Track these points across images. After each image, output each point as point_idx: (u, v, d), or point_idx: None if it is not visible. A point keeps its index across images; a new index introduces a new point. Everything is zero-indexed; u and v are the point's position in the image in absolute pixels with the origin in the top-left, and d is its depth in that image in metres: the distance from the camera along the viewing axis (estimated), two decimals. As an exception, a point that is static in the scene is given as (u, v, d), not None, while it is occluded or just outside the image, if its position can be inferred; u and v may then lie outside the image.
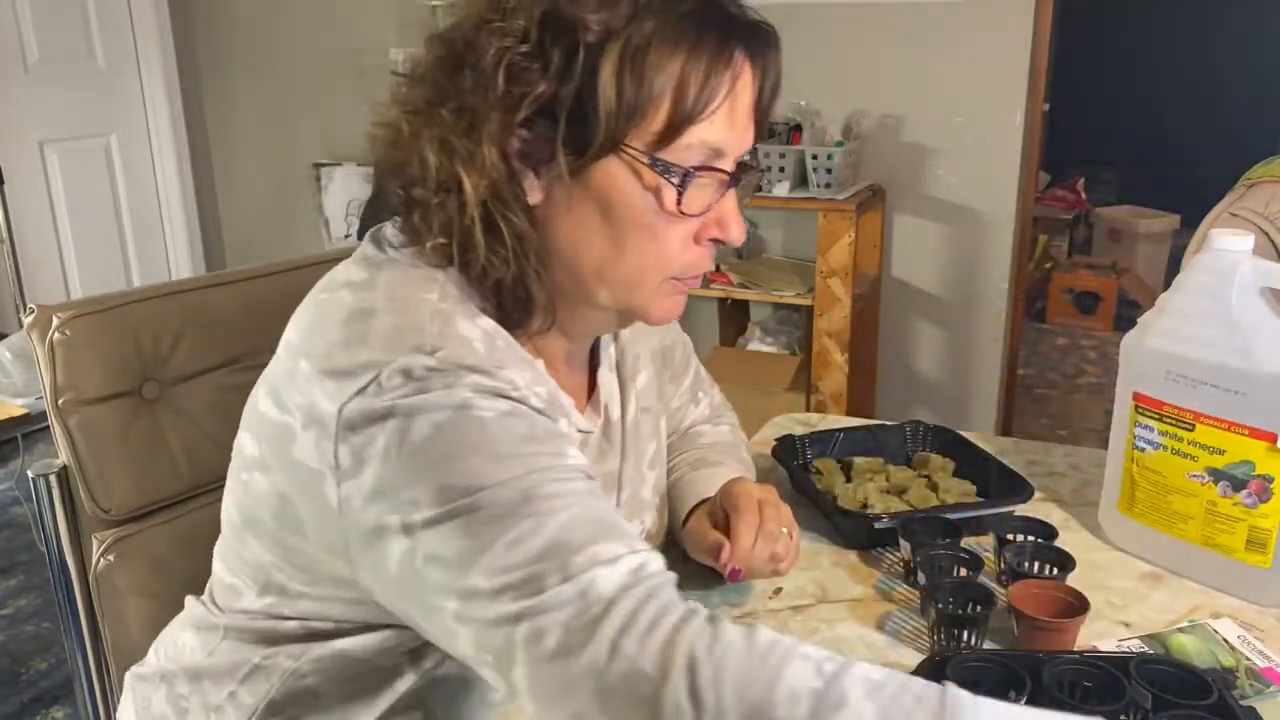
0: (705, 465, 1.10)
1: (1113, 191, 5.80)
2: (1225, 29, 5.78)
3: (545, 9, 0.73)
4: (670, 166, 0.76)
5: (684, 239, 0.80)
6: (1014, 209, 3.10)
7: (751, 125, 0.81)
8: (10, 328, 3.21)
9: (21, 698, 2.25)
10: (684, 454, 1.14)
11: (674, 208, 0.77)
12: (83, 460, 1.05)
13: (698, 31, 0.74)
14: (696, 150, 0.76)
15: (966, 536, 1.08)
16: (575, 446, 0.74)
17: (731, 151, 0.79)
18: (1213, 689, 0.80)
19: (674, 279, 0.81)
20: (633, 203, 0.77)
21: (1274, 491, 0.99)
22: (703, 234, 0.80)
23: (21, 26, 3.50)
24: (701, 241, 0.81)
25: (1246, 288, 0.99)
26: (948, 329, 3.28)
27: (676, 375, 1.15)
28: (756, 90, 0.80)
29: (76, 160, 3.74)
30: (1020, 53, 2.97)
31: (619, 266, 0.79)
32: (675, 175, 0.76)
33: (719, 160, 0.78)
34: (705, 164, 0.77)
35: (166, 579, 1.07)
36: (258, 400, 0.80)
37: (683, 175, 0.76)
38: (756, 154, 0.88)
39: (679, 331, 1.15)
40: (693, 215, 0.78)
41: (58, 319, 1.03)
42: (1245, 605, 1.02)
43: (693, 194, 0.77)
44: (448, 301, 0.76)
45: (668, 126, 0.75)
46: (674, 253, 0.80)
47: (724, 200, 0.80)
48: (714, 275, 3.10)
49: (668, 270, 0.80)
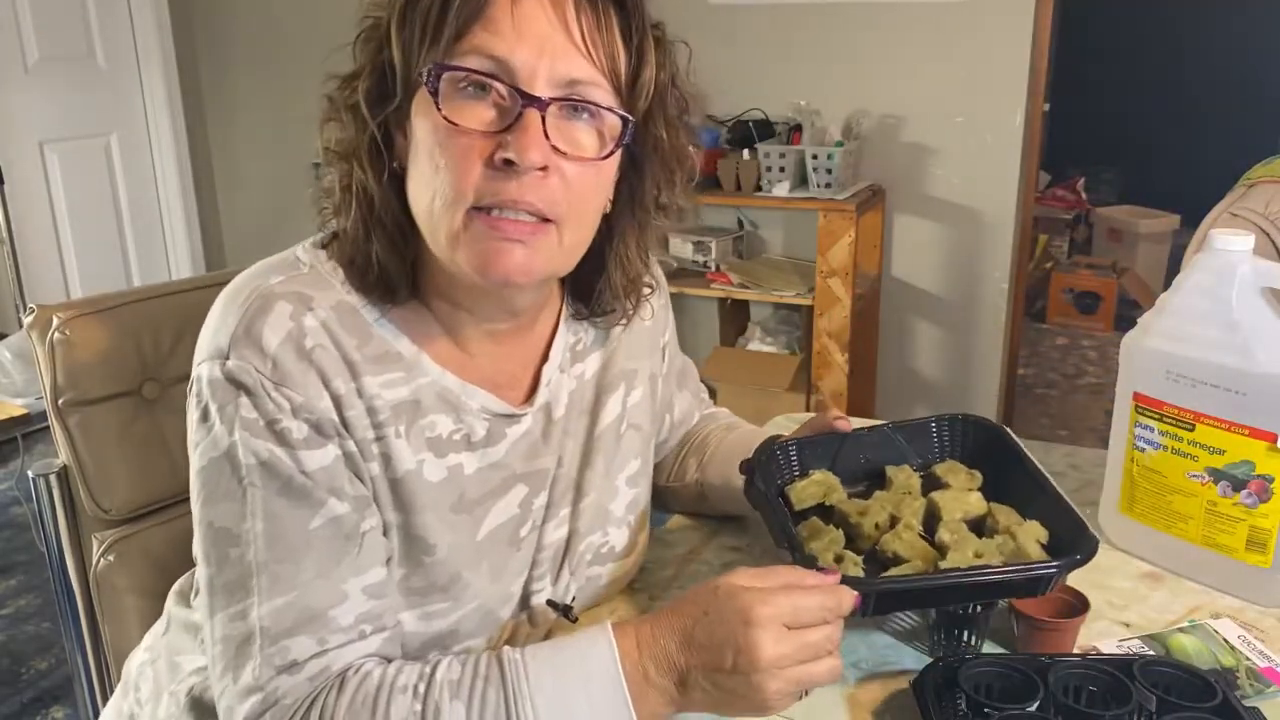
0: (741, 428, 1.18)
1: (1113, 191, 5.80)
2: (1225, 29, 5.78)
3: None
4: (429, 73, 0.76)
5: (466, 157, 0.76)
6: (1014, 209, 3.10)
7: (570, 50, 0.77)
8: (10, 328, 3.21)
9: (21, 698, 2.25)
10: (710, 431, 1.17)
11: (439, 118, 0.76)
12: (83, 460, 1.05)
13: None
14: (474, 60, 0.76)
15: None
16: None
17: (527, 70, 0.76)
18: (1216, 690, 0.80)
19: (481, 212, 0.77)
20: (421, 128, 0.78)
21: (1274, 491, 0.99)
22: (495, 155, 0.76)
23: (21, 26, 3.50)
24: (495, 165, 0.76)
25: (1246, 288, 0.99)
26: (948, 329, 3.28)
27: (679, 386, 1.17)
28: (581, 15, 0.77)
29: (76, 160, 3.74)
30: (1020, 53, 2.97)
31: (420, 197, 0.79)
32: (431, 79, 0.76)
33: (511, 78, 0.76)
34: (480, 70, 0.76)
35: (166, 579, 1.07)
36: None
37: (435, 76, 0.75)
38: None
39: (673, 358, 1.14)
40: (466, 129, 0.76)
41: (58, 319, 1.03)
42: (1245, 605, 1.02)
43: (461, 103, 0.76)
44: (291, 285, 0.81)
45: (443, 44, 0.76)
46: (458, 173, 0.76)
47: (520, 121, 0.75)
48: (714, 275, 3.10)
49: (458, 197, 0.76)
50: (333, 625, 0.77)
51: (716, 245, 3.15)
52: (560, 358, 0.95)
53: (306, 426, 0.77)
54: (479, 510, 0.88)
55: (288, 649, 0.75)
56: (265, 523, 0.76)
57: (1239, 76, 5.75)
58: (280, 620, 0.76)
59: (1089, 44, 5.91)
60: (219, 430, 0.77)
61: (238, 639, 0.76)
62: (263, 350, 0.77)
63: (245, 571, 0.76)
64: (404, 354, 0.83)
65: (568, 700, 0.74)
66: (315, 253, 0.85)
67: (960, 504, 0.96)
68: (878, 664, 0.93)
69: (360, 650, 0.78)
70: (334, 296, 0.82)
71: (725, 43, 3.21)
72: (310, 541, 0.77)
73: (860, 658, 0.94)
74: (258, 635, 0.76)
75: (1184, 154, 5.77)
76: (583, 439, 0.97)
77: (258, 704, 0.75)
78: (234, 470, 0.77)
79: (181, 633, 0.97)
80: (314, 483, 0.78)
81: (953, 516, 0.95)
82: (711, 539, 1.15)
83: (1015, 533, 0.91)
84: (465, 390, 0.86)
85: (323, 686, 0.76)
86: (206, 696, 0.91)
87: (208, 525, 0.79)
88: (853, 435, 1.03)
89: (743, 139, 3.06)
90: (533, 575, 0.93)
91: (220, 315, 0.80)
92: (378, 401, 0.81)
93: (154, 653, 1.00)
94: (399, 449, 0.82)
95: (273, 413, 0.77)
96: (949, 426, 1.06)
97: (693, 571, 1.08)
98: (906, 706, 0.86)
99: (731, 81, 3.19)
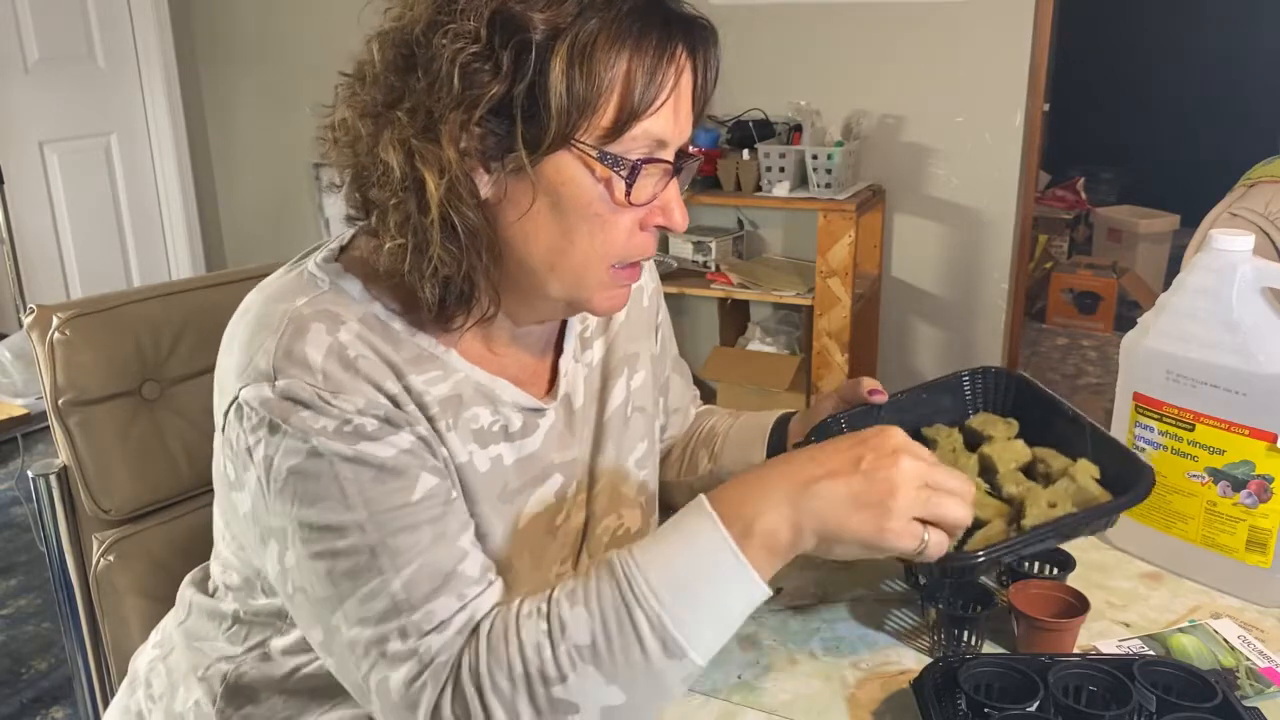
0: (744, 414, 1.17)
1: (1113, 191, 5.79)
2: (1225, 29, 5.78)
3: (494, 8, 0.75)
4: (619, 159, 0.78)
5: (630, 227, 0.83)
6: (1014, 209, 3.10)
7: (691, 116, 0.84)
8: (10, 328, 3.21)
9: (21, 698, 2.25)
10: (714, 423, 1.18)
11: (623, 199, 0.80)
12: (83, 460, 1.05)
13: (642, 28, 0.77)
14: (642, 142, 0.79)
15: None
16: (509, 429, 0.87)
17: (674, 142, 0.82)
18: (1216, 690, 0.80)
19: (616, 267, 0.84)
20: (583, 195, 0.79)
21: (1274, 491, 0.99)
22: (648, 221, 0.83)
23: (21, 26, 3.50)
24: (646, 228, 0.84)
25: (1246, 288, 0.99)
26: (948, 329, 3.28)
27: (675, 370, 1.18)
28: (697, 83, 0.83)
29: (76, 160, 3.74)
30: (1020, 53, 2.97)
31: (569, 256, 0.82)
32: (624, 168, 0.79)
33: (662, 151, 0.81)
34: (651, 155, 0.80)
35: (166, 579, 1.07)
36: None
37: (631, 168, 0.79)
38: (694, 141, 0.94)
39: (667, 339, 1.15)
40: (640, 205, 0.81)
41: (58, 319, 1.03)
42: (1245, 605, 1.02)
43: (640, 184, 0.80)
44: (319, 304, 0.80)
45: (616, 121, 0.77)
46: (620, 241, 0.82)
47: (667, 188, 0.83)
48: (714, 275, 3.10)
49: (614, 258, 0.83)
50: (466, 579, 0.77)
51: (716, 245, 3.15)
52: (573, 347, 0.97)
53: (376, 421, 0.77)
54: (519, 500, 0.90)
55: (432, 612, 0.75)
56: (370, 508, 0.76)
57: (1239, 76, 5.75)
58: (417, 587, 0.75)
59: (1089, 44, 5.91)
60: (292, 437, 0.76)
61: (376, 617, 0.75)
62: (310, 366, 0.77)
63: (365, 555, 0.76)
64: (436, 353, 0.85)
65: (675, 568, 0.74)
66: (330, 267, 0.84)
67: (1010, 453, 0.98)
68: (878, 664, 0.94)
69: (493, 597, 0.79)
70: (359, 310, 0.82)
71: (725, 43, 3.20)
72: (419, 512, 0.77)
73: (860, 658, 0.94)
74: (399, 607, 0.75)
75: (1184, 154, 5.77)
76: (593, 424, 0.98)
77: (414, 667, 0.75)
78: (323, 469, 0.76)
79: (204, 620, 0.97)
80: (405, 461, 0.78)
81: (1008, 467, 0.97)
82: (711, 539, 1.15)
83: (1073, 474, 0.93)
84: (496, 384, 0.88)
85: (470, 637, 0.76)
86: (244, 682, 0.91)
87: (308, 528, 0.76)
88: (890, 401, 1.03)
89: (743, 139, 3.06)
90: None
91: (252, 339, 0.79)
92: (426, 398, 0.82)
93: (165, 647, 1.00)
94: (452, 441, 0.84)
95: (340, 416, 0.76)
96: (977, 380, 1.08)
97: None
98: (906, 706, 0.86)
99: (731, 81, 3.17)
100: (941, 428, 1.03)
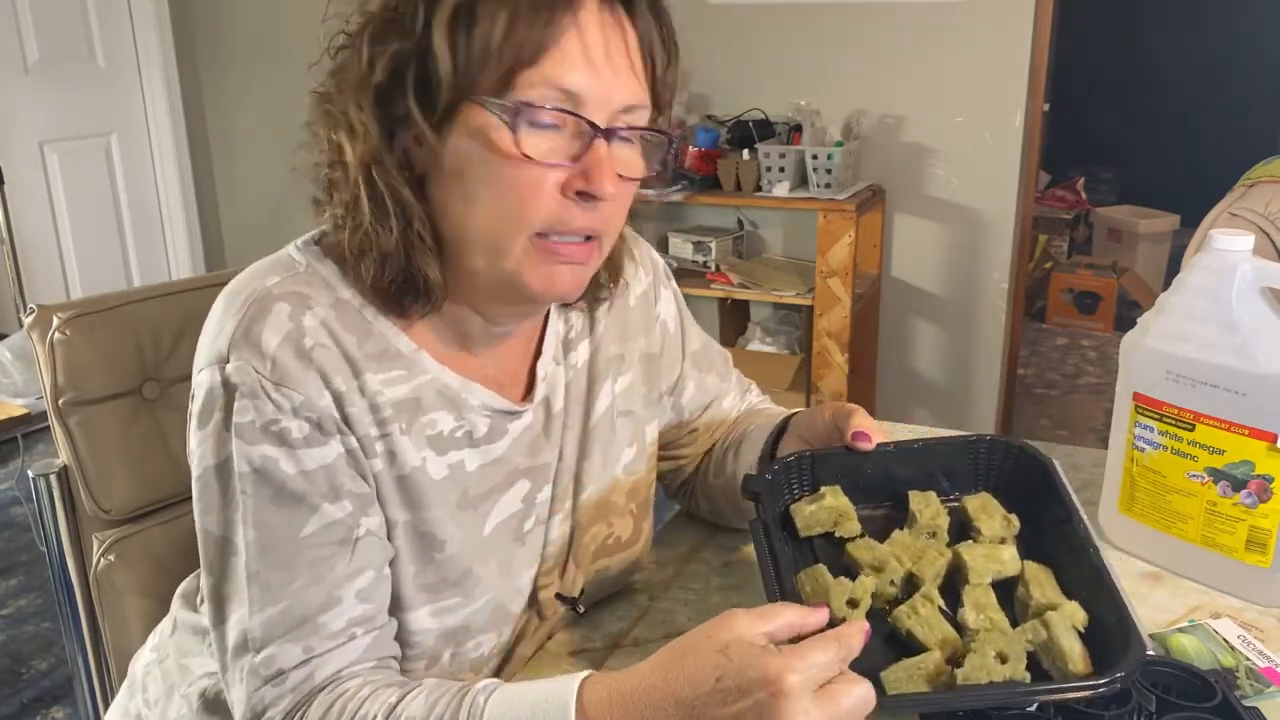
0: (768, 409, 1.15)
1: (1113, 191, 5.80)
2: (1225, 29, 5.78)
3: None
4: (504, 106, 0.75)
5: (545, 189, 0.77)
6: (1014, 209, 3.10)
7: (628, 76, 0.79)
8: (10, 328, 3.21)
9: (21, 698, 2.25)
10: (750, 422, 1.11)
11: (513, 149, 0.75)
12: (83, 460, 1.05)
13: None
14: (543, 92, 0.75)
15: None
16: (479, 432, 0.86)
17: (593, 99, 0.77)
18: (1216, 690, 0.80)
19: (541, 237, 0.79)
20: (481, 153, 0.76)
21: (1274, 491, 0.99)
22: (569, 186, 0.77)
23: (21, 26, 3.50)
24: (568, 194, 0.78)
25: (1246, 288, 0.99)
26: (948, 329, 3.28)
27: (695, 368, 1.11)
28: (628, 37, 0.79)
29: (76, 160, 3.74)
30: (1020, 53, 2.97)
31: (476, 221, 0.79)
32: (507, 114, 0.75)
33: (580, 108, 0.76)
34: (556, 106, 0.76)
35: (166, 579, 1.07)
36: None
37: (514, 112, 0.75)
38: (667, 119, 0.88)
39: (676, 336, 1.09)
40: (541, 162, 0.76)
41: (58, 319, 1.03)
42: (1245, 605, 1.02)
43: (536, 137, 0.76)
44: (289, 285, 0.80)
45: (506, 69, 0.74)
46: (529, 204, 0.77)
47: (591, 151, 0.77)
48: (714, 275, 3.10)
49: (526, 224, 0.78)
50: (322, 632, 0.77)
51: (716, 245, 3.15)
52: (554, 349, 0.95)
53: (307, 425, 0.78)
54: (484, 506, 0.88)
55: (273, 659, 0.76)
56: (257, 531, 0.77)
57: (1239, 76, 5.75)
58: (270, 630, 0.77)
59: (1089, 44, 5.91)
60: (214, 439, 0.78)
61: (232, 649, 0.78)
62: (262, 351, 0.77)
63: (240, 582, 0.77)
64: (404, 351, 0.83)
65: None
66: (310, 250, 0.85)
67: (991, 563, 0.82)
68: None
69: (347, 655, 0.78)
70: (332, 295, 0.82)
71: (725, 43, 3.21)
72: (302, 549, 0.77)
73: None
74: (249, 644, 0.77)
75: (1184, 154, 5.78)
76: (579, 430, 0.96)
77: (246, 710, 0.77)
78: (228, 479, 0.78)
79: (189, 635, 0.98)
80: (310, 486, 0.78)
81: (981, 580, 0.81)
82: (711, 539, 1.15)
83: (1051, 622, 0.75)
84: (466, 388, 0.87)
85: (304, 699, 0.76)
86: (221, 697, 0.91)
87: (206, 534, 0.80)
88: (876, 452, 0.89)
89: (743, 139, 3.06)
90: (541, 569, 0.93)
91: (219, 319, 0.80)
92: (380, 399, 0.81)
93: (161, 653, 1.00)
94: (403, 446, 0.82)
95: (271, 414, 0.77)
96: (988, 451, 0.92)
97: (693, 571, 1.08)
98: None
99: (731, 81, 3.20)
100: (933, 498, 0.89)
